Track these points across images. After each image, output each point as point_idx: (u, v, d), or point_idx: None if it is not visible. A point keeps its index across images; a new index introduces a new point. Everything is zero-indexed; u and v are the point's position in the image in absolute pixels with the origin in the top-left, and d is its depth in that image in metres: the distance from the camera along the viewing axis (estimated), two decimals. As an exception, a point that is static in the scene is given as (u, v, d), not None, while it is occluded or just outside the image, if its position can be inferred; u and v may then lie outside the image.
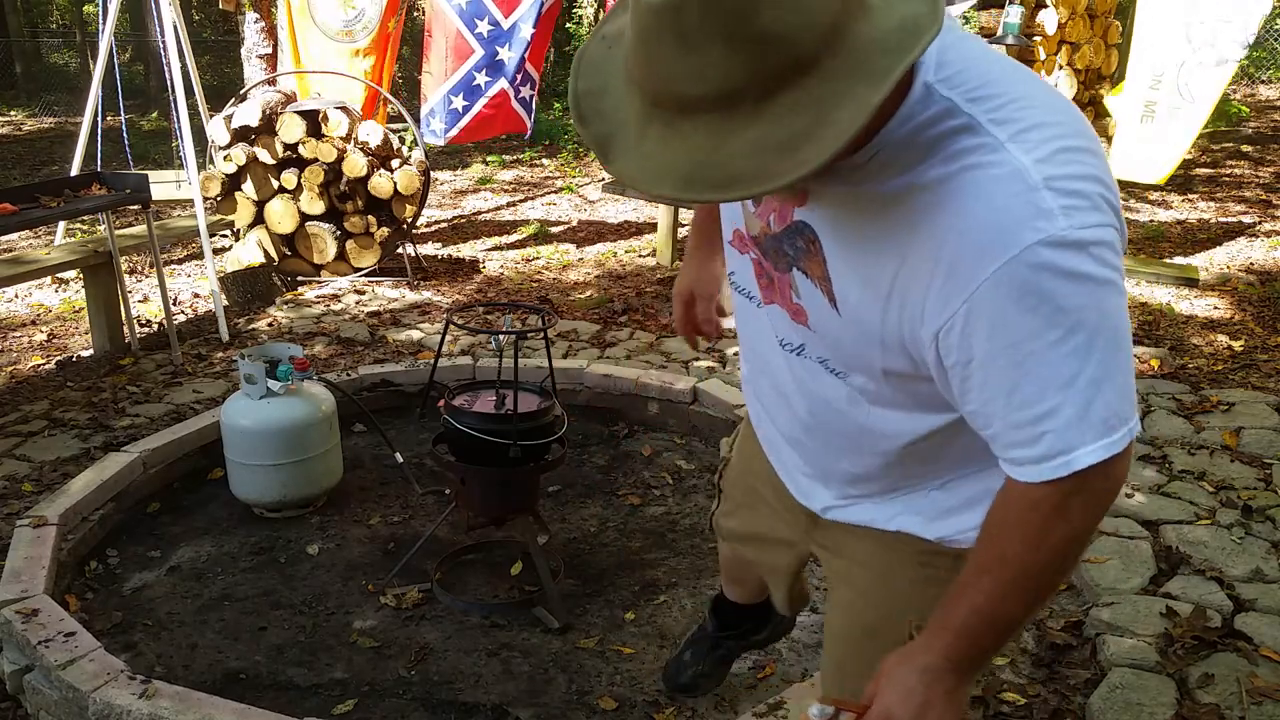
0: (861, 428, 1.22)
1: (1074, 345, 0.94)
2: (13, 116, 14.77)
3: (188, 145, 4.99)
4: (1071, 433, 0.97)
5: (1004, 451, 1.03)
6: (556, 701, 2.29)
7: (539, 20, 5.97)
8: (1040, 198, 0.92)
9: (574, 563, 2.90)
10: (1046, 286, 0.92)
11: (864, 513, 1.35)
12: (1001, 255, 0.92)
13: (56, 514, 2.78)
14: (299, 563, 2.90)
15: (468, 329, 3.10)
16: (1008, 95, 0.97)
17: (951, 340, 0.98)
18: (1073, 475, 0.98)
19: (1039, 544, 1.03)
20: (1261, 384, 4.18)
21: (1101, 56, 7.68)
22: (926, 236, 0.97)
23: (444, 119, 6.14)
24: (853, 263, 1.07)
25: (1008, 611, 1.06)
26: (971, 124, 0.95)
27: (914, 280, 0.99)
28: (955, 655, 1.08)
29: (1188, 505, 3.14)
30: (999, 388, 0.98)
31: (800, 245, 1.11)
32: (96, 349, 4.58)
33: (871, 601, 1.38)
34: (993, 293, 0.93)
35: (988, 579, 1.06)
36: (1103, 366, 0.96)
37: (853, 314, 1.09)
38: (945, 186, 0.95)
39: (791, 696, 2.13)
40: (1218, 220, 7.49)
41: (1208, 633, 2.46)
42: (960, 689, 1.10)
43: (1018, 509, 1.04)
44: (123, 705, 2.02)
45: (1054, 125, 0.96)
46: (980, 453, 1.13)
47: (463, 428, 2.51)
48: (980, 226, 0.93)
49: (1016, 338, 0.95)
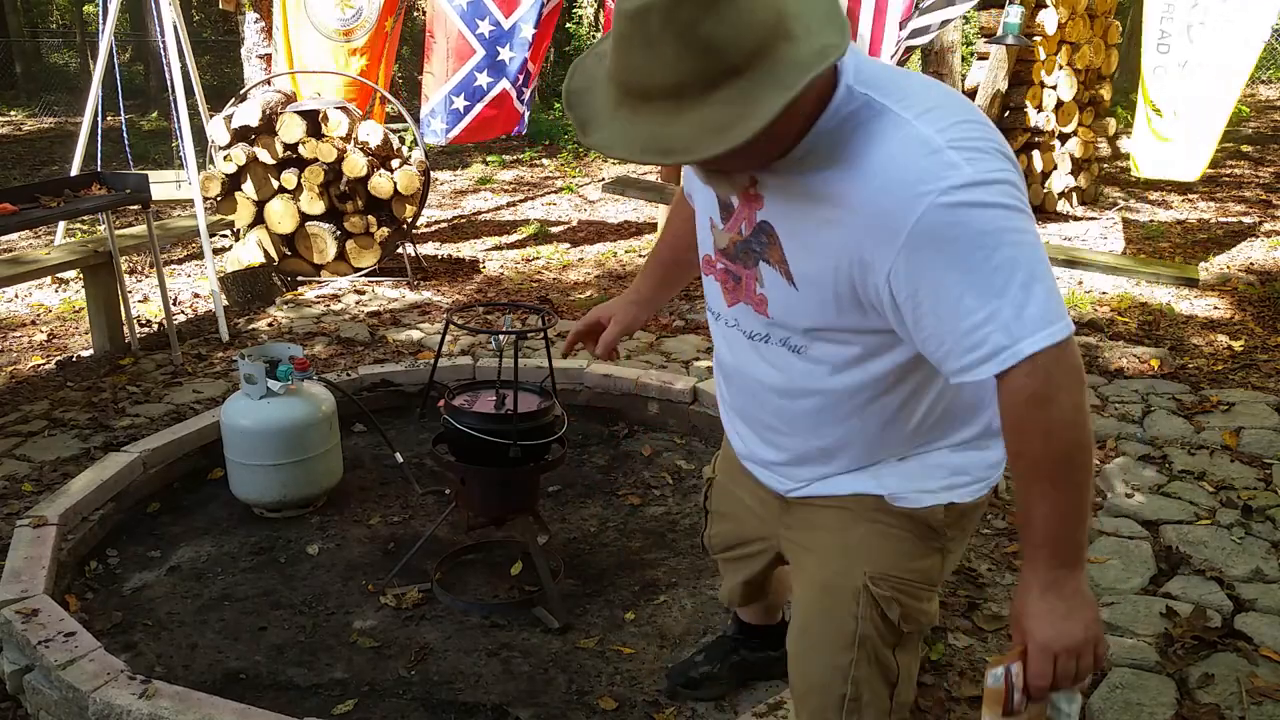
0: (826, 397, 1.40)
1: (999, 260, 1.14)
2: (13, 116, 14.77)
3: (188, 145, 4.99)
4: (1013, 328, 1.14)
5: (961, 361, 1.19)
6: (556, 701, 2.29)
7: (540, 21, 5.97)
8: (945, 155, 1.15)
9: (574, 563, 2.90)
10: (964, 218, 1.14)
11: (829, 486, 1.51)
12: (922, 202, 1.14)
13: (56, 514, 2.78)
14: (299, 563, 2.90)
15: (468, 329, 3.10)
16: (913, 91, 1.21)
17: (899, 280, 1.19)
18: (1026, 365, 1.15)
19: (1048, 431, 1.19)
20: (1261, 384, 4.18)
21: (1101, 56, 7.68)
22: (858, 201, 1.19)
23: (445, 119, 6.14)
24: (801, 239, 1.29)
25: (1068, 498, 1.21)
26: (884, 110, 1.19)
27: (854, 239, 1.21)
28: (1058, 559, 1.23)
29: (1188, 505, 3.14)
30: (946, 308, 1.17)
31: (764, 240, 1.34)
32: (96, 349, 4.58)
33: (828, 560, 1.52)
34: (922, 234, 1.15)
35: (1037, 486, 1.22)
36: (1027, 276, 1.14)
37: (807, 283, 1.31)
38: (868, 157, 1.18)
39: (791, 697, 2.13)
40: (1218, 220, 7.49)
41: (1208, 633, 2.46)
42: (1077, 580, 1.24)
43: (1013, 417, 1.20)
44: (123, 705, 2.02)
45: (952, 110, 1.20)
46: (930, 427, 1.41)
47: (463, 428, 2.51)
48: (901, 182, 1.15)
49: (950, 264, 1.15)
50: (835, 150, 1.20)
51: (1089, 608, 1.24)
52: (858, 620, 1.48)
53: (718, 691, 2.26)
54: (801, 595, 1.59)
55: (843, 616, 1.49)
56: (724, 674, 2.26)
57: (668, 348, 4.61)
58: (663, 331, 4.88)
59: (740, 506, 1.77)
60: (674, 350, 4.58)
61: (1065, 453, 1.20)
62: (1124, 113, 10.05)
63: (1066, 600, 1.23)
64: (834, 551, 1.51)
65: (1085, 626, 1.23)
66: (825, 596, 1.52)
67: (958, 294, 1.15)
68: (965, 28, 12.39)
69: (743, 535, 1.81)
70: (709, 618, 2.61)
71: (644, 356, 4.49)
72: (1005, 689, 1.27)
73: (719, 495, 1.88)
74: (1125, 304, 5.37)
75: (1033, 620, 1.24)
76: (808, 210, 1.26)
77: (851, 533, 1.49)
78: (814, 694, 1.56)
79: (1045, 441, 1.19)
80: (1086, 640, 1.23)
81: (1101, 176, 8.39)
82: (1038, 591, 1.24)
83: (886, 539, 1.48)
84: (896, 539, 1.48)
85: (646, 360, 4.41)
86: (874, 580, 1.47)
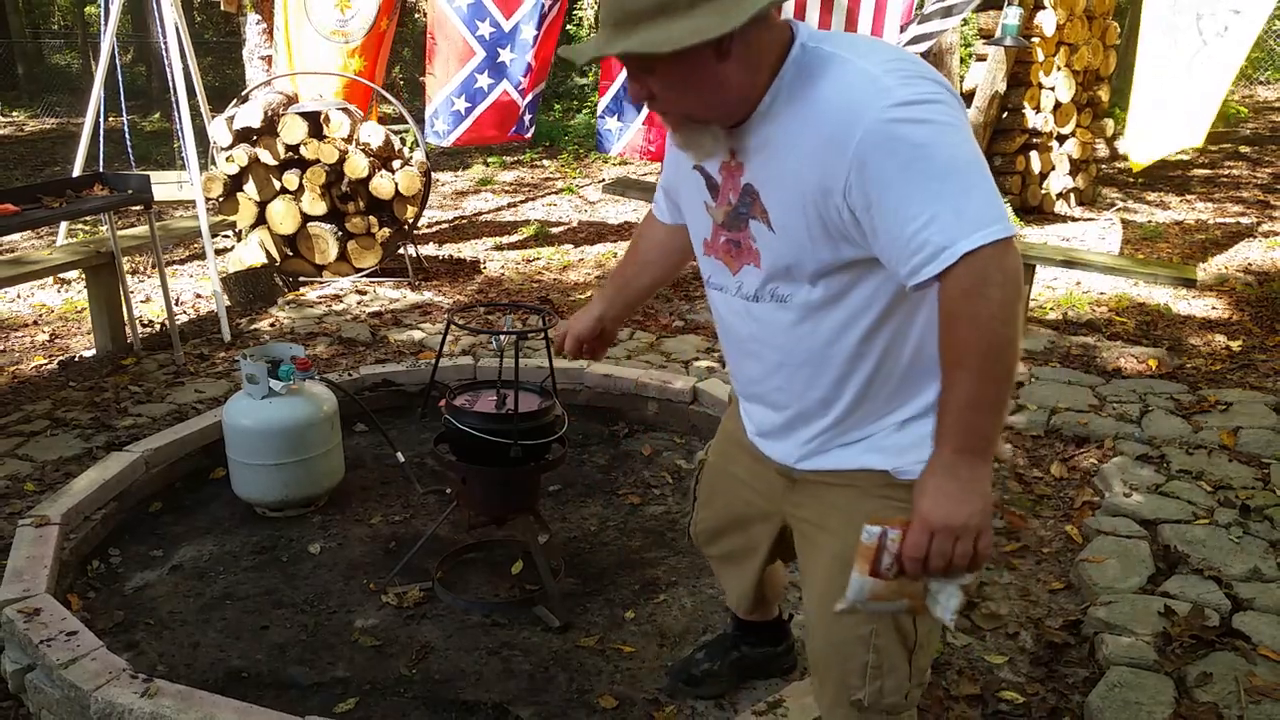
0: (817, 341, 1.48)
1: (935, 169, 1.25)
2: (15, 117, 14.78)
3: (190, 146, 5.00)
4: (951, 230, 1.24)
5: (906, 265, 1.28)
6: (557, 700, 2.30)
7: (543, 25, 5.95)
8: (883, 82, 1.29)
9: (574, 562, 2.91)
10: (900, 132, 1.26)
11: (833, 459, 1.57)
12: (863, 121, 1.27)
13: (59, 513, 2.79)
14: (301, 562, 2.91)
15: (469, 329, 3.11)
16: (859, 42, 1.38)
17: (853, 195, 1.30)
18: (963, 263, 1.24)
19: (974, 322, 1.26)
20: (1259, 384, 4.19)
21: (1100, 58, 7.69)
22: (811, 131, 1.33)
23: (447, 120, 6.14)
24: (773, 184, 1.41)
25: (982, 390, 1.29)
26: (833, 55, 1.35)
27: (814, 170, 1.33)
28: (962, 445, 1.30)
29: (1186, 505, 3.14)
30: (892, 215, 1.27)
31: (748, 200, 1.46)
32: (99, 349, 4.59)
33: (840, 534, 1.55)
34: (865, 149, 1.27)
35: (956, 373, 1.30)
36: (962, 181, 1.25)
37: (783, 224, 1.41)
38: (817, 92, 1.33)
39: (791, 695, 2.14)
40: (1215, 221, 7.50)
41: (1206, 632, 2.47)
42: (977, 470, 1.31)
43: (945, 310, 1.29)
44: (125, 704, 2.03)
45: (891, 51, 1.36)
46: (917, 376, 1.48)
47: (464, 427, 2.52)
48: (845, 106, 1.30)
49: (893, 175, 1.26)
50: (794, 95, 1.36)
51: (981, 499, 1.30)
52: None
53: (719, 689, 2.27)
54: (817, 570, 1.63)
55: None
56: (724, 671, 2.28)
57: (668, 348, 4.62)
58: (663, 331, 4.89)
59: (734, 483, 1.82)
60: (674, 350, 4.59)
61: (988, 344, 1.26)
62: (1122, 114, 10.06)
63: (960, 484, 1.30)
64: (849, 527, 1.54)
65: (970, 514, 1.29)
66: (842, 571, 1.53)
67: (901, 202, 1.26)
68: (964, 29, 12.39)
69: (733, 514, 1.85)
70: (709, 616, 2.62)
71: (644, 356, 4.50)
72: (876, 548, 1.33)
73: (710, 476, 1.93)
74: (1123, 304, 5.38)
75: (921, 496, 1.32)
76: (777, 158, 1.39)
77: (860, 510, 1.52)
78: (835, 663, 1.61)
79: (971, 330, 1.26)
80: (967, 526, 1.29)
81: (1099, 177, 8.40)
82: (934, 471, 1.32)
83: (893, 510, 1.51)
84: (902, 510, 1.51)
85: (646, 360, 4.42)
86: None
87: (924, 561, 1.31)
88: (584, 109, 13.40)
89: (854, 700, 1.59)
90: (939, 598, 1.35)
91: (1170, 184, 8.83)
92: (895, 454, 1.52)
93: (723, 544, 1.94)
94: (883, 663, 1.56)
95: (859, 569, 1.35)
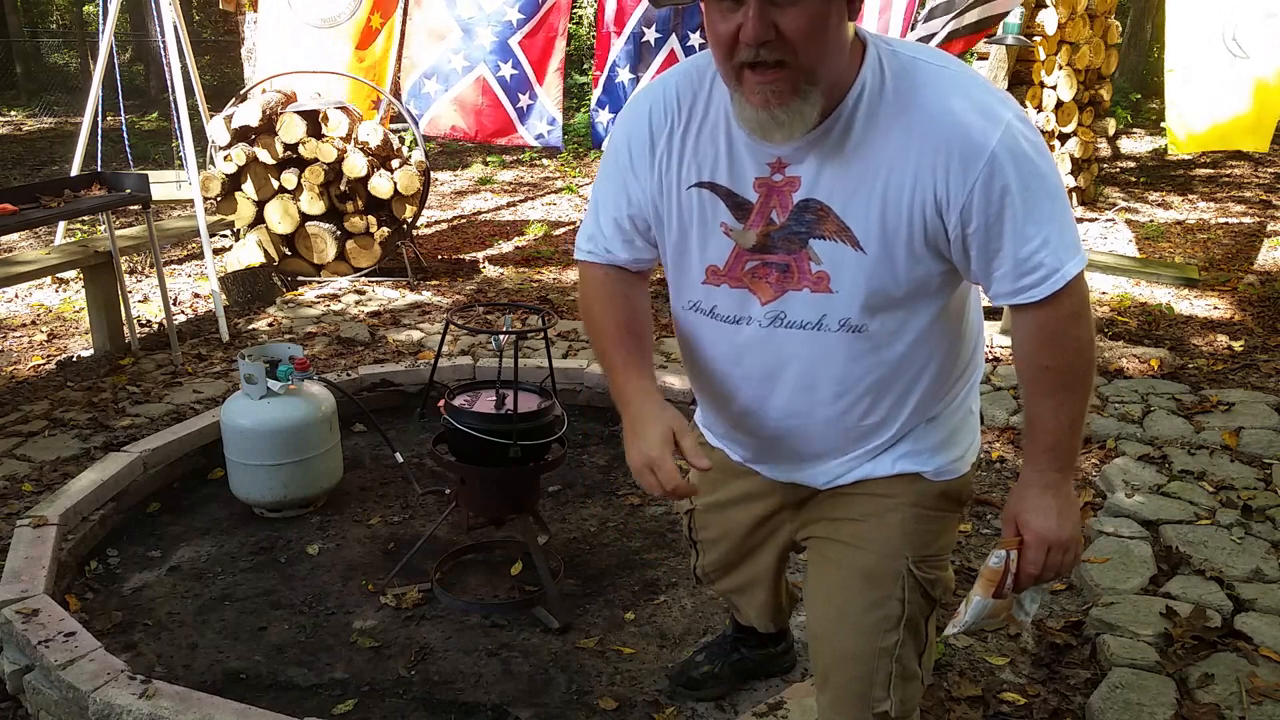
0: (887, 366, 1.43)
1: (1046, 189, 1.27)
2: (13, 116, 14.77)
3: (188, 145, 5.00)
4: (1061, 254, 1.28)
5: (1012, 284, 1.30)
6: (556, 701, 2.29)
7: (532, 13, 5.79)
8: (995, 94, 1.28)
9: (574, 563, 2.90)
10: (1024, 148, 1.26)
11: (864, 470, 1.54)
12: (995, 131, 1.25)
13: (57, 514, 2.78)
14: (299, 563, 2.90)
15: (468, 329, 3.11)
16: (924, 49, 1.36)
17: (971, 211, 1.27)
18: (1070, 286, 1.29)
19: (1080, 346, 1.33)
20: (1261, 384, 4.18)
21: (1101, 57, 7.68)
22: (924, 139, 1.27)
23: (416, 105, 6.02)
24: (863, 200, 1.32)
25: (1081, 407, 1.37)
26: (917, 62, 1.31)
27: (927, 176, 1.28)
28: (1060, 462, 1.39)
29: (1188, 505, 3.14)
30: (1010, 233, 1.28)
31: (810, 218, 1.35)
32: (97, 349, 4.58)
33: (868, 547, 1.55)
34: (998, 159, 1.25)
35: (1058, 395, 1.35)
36: (1062, 204, 1.29)
37: (879, 241, 1.33)
38: (922, 100, 1.28)
39: (791, 696, 2.13)
40: (1218, 220, 7.49)
41: (1207, 633, 2.46)
42: (1070, 484, 1.40)
43: (1049, 333, 1.32)
44: (123, 705, 2.02)
45: (966, 70, 1.34)
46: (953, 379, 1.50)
47: (463, 428, 2.51)
48: (973, 111, 1.26)
49: (1015, 190, 1.26)
50: (874, 106, 1.29)
51: (1077, 510, 1.41)
52: (904, 604, 1.53)
53: (719, 691, 2.26)
54: (834, 583, 1.59)
55: (889, 602, 1.53)
56: (725, 673, 2.27)
57: (668, 348, 4.61)
58: (663, 332, 4.88)
59: (730, 523, 1.79)
60: (674, 350, 4.58)
61: (1088, 364, 1.35)
62: (1124, 113, 10.06)
63: (1061, 500, 1.38)
64: (873, 539, 1.55)
65: (1075, 526, 1.39)
66: (869, 585, 1.54)
67: (1020, 221, 1.27)
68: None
69: (742, 548, 1.82)
70: (709, 618, 2.61)
71: (644, 356, 4.48)
72: (1004, 572, 1.38)
73: (703, 521, 1.87)
74: (1125, 304, 5.37)
75: (1033, 515, 1.38)
76: (858, 173, 1.31)
77: (890, 519, 1.54)
78: (859, 676, 1.56)
79: (1078, 354, 1.33)
80: (1074, 538, 1.38)
81: (1101, 177, 8.39)
82: (1038, 490, 1.39)
83: (920, 520, 1.53)
84: (929, 519, 1.54)
85: (646, 360, 4.41)
86: (917, 564, 1.53)
87: (1039, 576, 1.38)
88: (583, 108, 13.40)
89: (879, 712, 1.56)
90: (1025, 603, 1.44)
91: (1172, 184, 8.83)
92: (929, 455, 1.52)
93: (734, 577, 1.90)
94: (905, 671, 1.55)
95: (981, 592, 1.40)
